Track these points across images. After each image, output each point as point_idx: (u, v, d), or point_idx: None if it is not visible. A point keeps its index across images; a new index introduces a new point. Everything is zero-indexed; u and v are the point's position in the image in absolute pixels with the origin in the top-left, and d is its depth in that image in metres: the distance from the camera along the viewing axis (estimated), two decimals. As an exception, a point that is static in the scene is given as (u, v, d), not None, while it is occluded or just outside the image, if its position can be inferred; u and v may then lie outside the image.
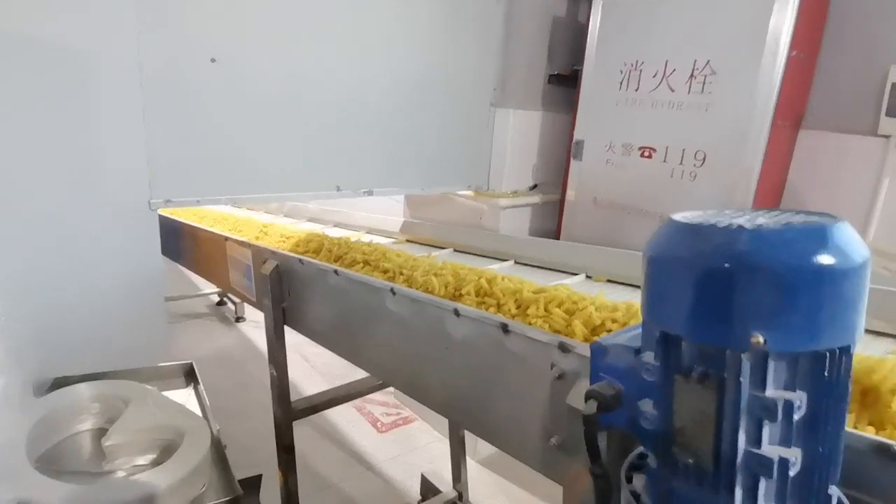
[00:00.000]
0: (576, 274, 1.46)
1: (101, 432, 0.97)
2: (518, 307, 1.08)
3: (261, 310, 1.45)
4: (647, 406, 0.39)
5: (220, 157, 1.52)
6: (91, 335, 1.36)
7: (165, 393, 1.17)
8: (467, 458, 1.88)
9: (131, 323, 1.43)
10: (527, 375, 0.71)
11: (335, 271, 1.14)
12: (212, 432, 1.00)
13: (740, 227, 0.33)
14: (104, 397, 1.09)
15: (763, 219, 0.35)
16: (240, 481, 0.93)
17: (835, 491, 0.36)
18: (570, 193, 2.08)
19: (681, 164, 1.73)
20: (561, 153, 2.22)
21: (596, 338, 0.67)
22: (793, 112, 1.63)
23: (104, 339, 1.37)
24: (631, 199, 1.89)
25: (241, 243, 1.60)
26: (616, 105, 1.89)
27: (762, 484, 0.34)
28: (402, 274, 1.28)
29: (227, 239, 1.70)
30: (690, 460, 0.36)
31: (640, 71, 1.81)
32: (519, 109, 2.12)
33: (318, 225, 2.43)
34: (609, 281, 1.42)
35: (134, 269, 1.42)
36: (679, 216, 0.38)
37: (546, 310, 0.99)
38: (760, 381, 0.33)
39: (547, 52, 2.12)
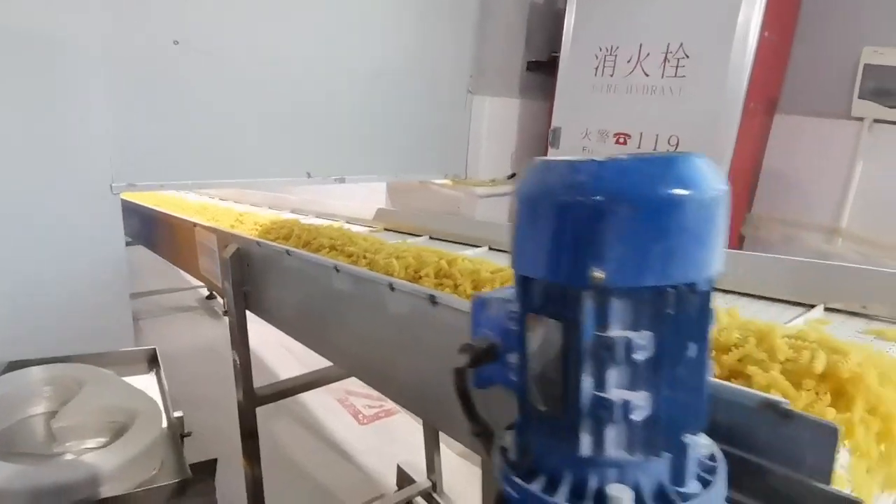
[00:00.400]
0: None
1: (53, 415, 0.96)
2: (474, 287, 1.06)
3: (224, 296, 1.44)
4: (513, 357, 0.38)
5: (185, 141, 1.51)
6: (51, 319, 1.35)
7: (127, 378, 1.16)
8: (447, 449, 1.86)
9: (94, 308, 1.42)
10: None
11: (287, 252, 1.13)
12: (169, 417, 0.98)
13: (586, 161, 0.32)
14: (58, 380, 1.08)
15: (626, 156, 0.33)
16: (194, 465, 0.91)
17: (694, 440, 0.34)
18: (548, 182, 2.05)
19: (654, 149, 1.71)
20: (541, 141, 2.20)
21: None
22: (766, 96, 1.61)
23: (65, 324, 1.37)
24: (607, 187, 1.87)
25: (208, 228, 1.59)
26: (592, 91, 1.87)
27: (608, 429, 0.33)
28: (365, 257, 1.26)
29: (195, 225, 1.68)
30: (543, 409, 0.34)
31: (616, 56, 1.79)
32: (496, 97, 2.11)
33: (300, 215, 2.42)
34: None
35: (96, 254, 1.41)
36: (545, 157, 0.36)
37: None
38: (603, 320, 0.32)
39: (525, 38, 2.10)
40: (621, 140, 1.80)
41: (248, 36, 1.56)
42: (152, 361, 1.29)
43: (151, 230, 2.21)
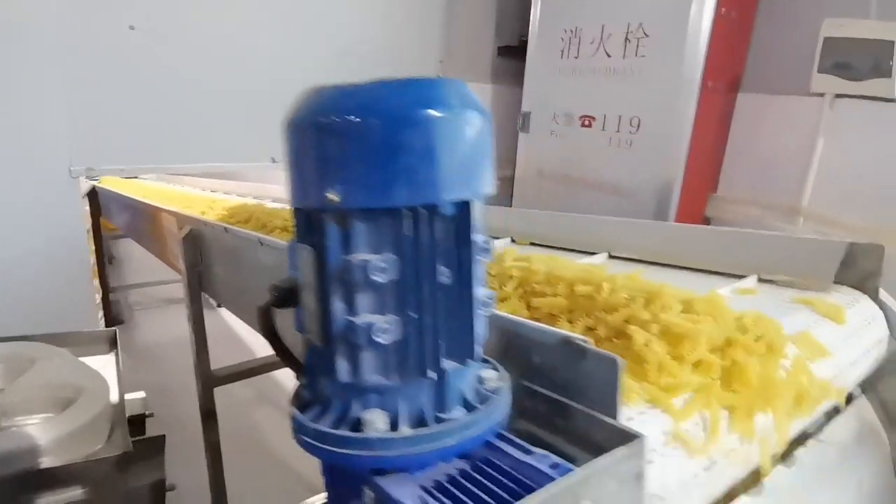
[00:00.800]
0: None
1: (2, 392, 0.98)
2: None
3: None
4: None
5: (144, 126, 1.53)
6: (10, 300, 1.38)
7: (86, 358, 1.18)
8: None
9: (56, 290, 1.45)
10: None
11: (225, 229, 1.14)
12: (121, 396, 1.00)
13: (328, 87, 0.32)
14: (11, 358, 1.10)
15: (372, 81, 0.33)
16: (139, 441, 0.93)
17: (457, 367, 0.34)
18: (519, 167, 2.05)
19: (617, 131, 1.70)
20: (514, 127, 2.19)
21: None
22: (726, 74, 1.59)
23: (26, 305, 1.39)
24: (574, 170, 1.86)
25: (170, 213, 1.61)
26: (559, 74, 1.86)
27: (363, 354, 0.33)
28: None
29: (160, 210, 1.71)
30: (310, 338, 0.35)
31: (580, 38, 1.78)
32: (468, 82, 2.09)
33: (282, 205, 2.43)
34: (532, 244, 1.40)
35: (55, 237, 1.44)
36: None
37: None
38: (347, 245, 0.32)
39: (494, 23, 2.09)
40: (586, 122, 1.79)
41: (209, 20, 1.57)
42: (112, 343, 1.31)
43: (136, 221, 2.24)
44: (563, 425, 0.40)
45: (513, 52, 2.11)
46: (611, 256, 0.97)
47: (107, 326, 2.13)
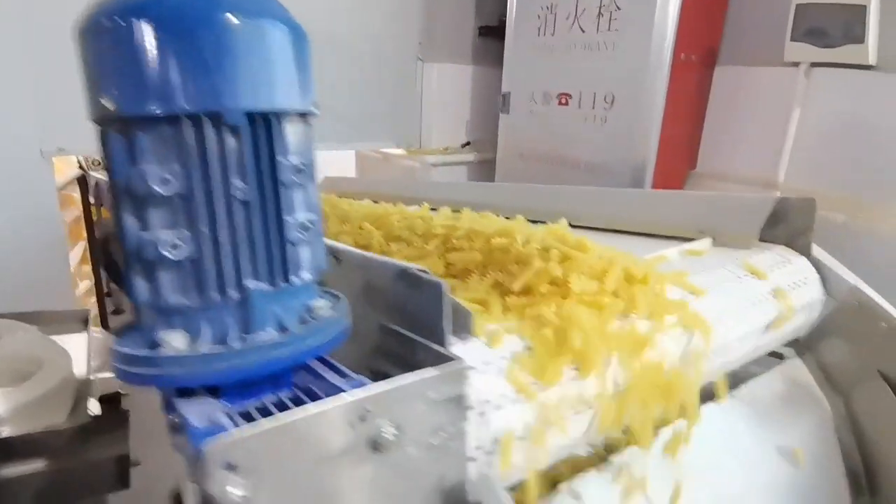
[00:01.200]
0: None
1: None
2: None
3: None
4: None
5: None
6: (-17, 279, 1.40)
7: (58, 337, 1.19)
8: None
9: (31, 269, 1.47)
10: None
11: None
12: (88, 372, 1.00)
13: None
14: None
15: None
16: (100, 416, 0.93)
17: (262, 287, 0.33)
18: (500, 150, 2.03)
19: (593, 108, 1.67)
20: (495, 109, 2.17)
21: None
22: (701, 46, 1.55)
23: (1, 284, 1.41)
24: (552, 150, 1.84)
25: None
26: (536, 53, 1.83)
27: (157, 273, 0.32)
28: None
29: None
30: (116, 260, 0.34)
31: (555, 14, 1.75)
32: (448, 63, 2.08)
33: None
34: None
35: (28, 217, 1.46)
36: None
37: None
38: (130, 155, 0.31)
39: (474, 3, 2.07)
40: (563, 101, 1.77)
41: None
42: (85, 322, 1.33)
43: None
44: (409, 359, 0.39)
45: (493, 33, 2.09)
46: (572, 226, 0.95)
47: (103, 315, 2.16)
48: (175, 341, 0.32)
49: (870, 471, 0.70)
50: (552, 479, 0.47)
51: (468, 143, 2.16)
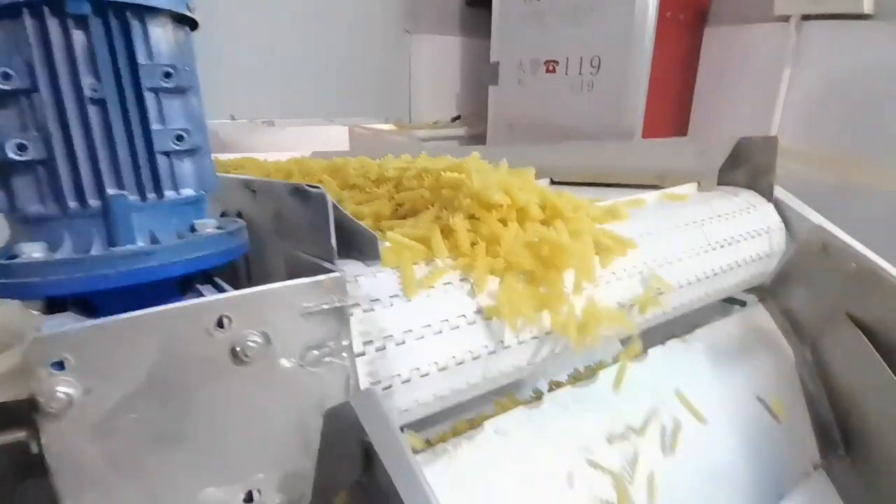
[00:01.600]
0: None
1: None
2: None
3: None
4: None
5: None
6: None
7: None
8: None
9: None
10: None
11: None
12: None
13: None
14: None
15: None
16: None
17: (127, 199, 0.31)
18: (490, 122, 2.00)
19: (580, 73, 1.63)
20: (484, 82, 2.13)
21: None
22: (688, 5, 1.49)
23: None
24: (541, 119, 1.80)
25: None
26: (523, 21, 1.79)
27: (11, 179, 0.31)
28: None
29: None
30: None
31: (542, -22, 1.70)
32: (436, 35, 2.05)
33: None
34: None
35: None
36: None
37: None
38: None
39: (461, -29, 2.03)
40: (550, 68, 1.72)
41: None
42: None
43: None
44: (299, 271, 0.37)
45: (480, 3, 2.04)
46: (553, 182, 0.93)
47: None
48: (34, 251, 0.31)
49: (842, 421, 0.67)
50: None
51: (458, 118, 2.13)
